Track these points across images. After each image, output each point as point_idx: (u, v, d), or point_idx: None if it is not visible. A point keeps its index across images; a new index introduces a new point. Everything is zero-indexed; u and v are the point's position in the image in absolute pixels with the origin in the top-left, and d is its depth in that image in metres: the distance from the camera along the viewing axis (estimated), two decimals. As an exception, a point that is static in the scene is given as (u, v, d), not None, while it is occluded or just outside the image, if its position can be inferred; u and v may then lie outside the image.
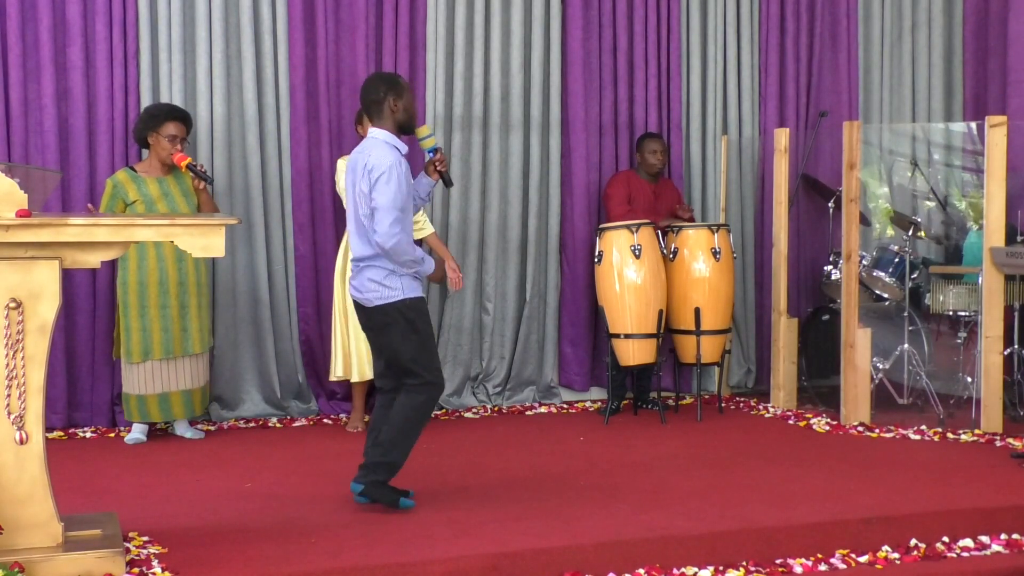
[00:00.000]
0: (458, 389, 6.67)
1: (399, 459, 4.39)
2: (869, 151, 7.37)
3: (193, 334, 5.64)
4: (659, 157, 6.55)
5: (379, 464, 4.37)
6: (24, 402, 3.51)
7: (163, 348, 5.56)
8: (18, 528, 3.51)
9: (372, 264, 4.35)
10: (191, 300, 5.63)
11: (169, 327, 5.56)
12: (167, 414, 5.63)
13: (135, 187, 5.57)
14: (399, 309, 4.35)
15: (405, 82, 4.51)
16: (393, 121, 4.43)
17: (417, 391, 4.38)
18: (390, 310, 4.35)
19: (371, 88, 4.45)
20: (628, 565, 3.89)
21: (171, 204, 5.58)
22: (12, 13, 5.80)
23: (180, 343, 5.60)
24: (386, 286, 4.34)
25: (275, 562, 3.70)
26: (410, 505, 4.37)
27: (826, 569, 3.98)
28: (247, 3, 6.16)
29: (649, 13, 6.89)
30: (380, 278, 4.35)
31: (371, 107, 4.44)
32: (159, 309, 5.55)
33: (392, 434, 4.36)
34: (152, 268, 5.55)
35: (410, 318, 4.36)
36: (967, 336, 6.18)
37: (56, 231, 3.47)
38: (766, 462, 5.20)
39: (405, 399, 4.39)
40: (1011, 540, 4.23)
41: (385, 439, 4.37)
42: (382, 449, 4.37)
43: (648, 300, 6.13)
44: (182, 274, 5.60)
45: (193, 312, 5.63)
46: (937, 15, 7.48)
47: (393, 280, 4.34)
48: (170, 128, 5.56)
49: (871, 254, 6.48)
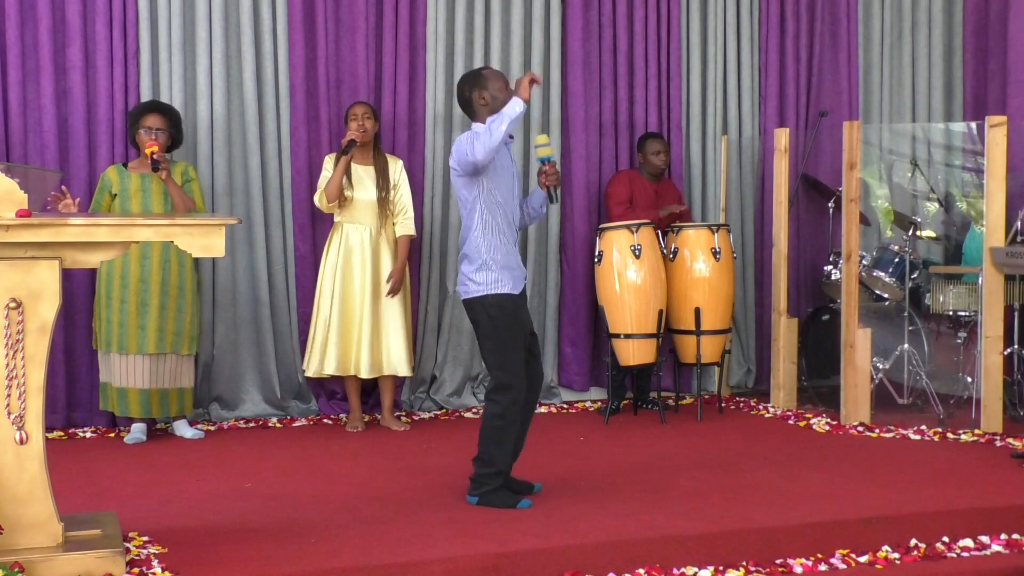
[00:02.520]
0: (458, 389, 6.67)
1: (502, 466, 4.42)
2: (869, 151, 7.37)
3: (150, 334, 5.58)
4: (661, 157, 6.55)
5: (485, 476, 4.41)
6: (24, 402, 3.51)
7: (118, 342, 5.57)
8: (18, 528, 3.51)
9: (465, 257, 4.43)
10: (152, 300, 5.58)
11: (125, 322, 5.56)
12: (124, 409, 5.63)
13: (118, 179, 5.62)
14: (483, 304, 4.38)
15: (490, 71, 4.54)
16: (486, 113, 4.44)
17: (494, 399, 4.40)
18: (475, 305, 4.40)
19: (459, 91, 4.54)
20: (628, 565, 3.88)
21: (144, 199, 5.61)
22: (11, 13, 5.80)
23: (135, 340, 5.57)
24: (473, 280, 4.39)
25: (275, 562, 3.70)
26: (527, 505, 4.39)
27: (826, 569, 3.98)
28: (247, 3, 6.16)
29: (649, 13, 6.89)
30: (469, 272, 4.41)
31: (466, 109, 4.52)
32: (119, 303, 5.58)
33: (486, 446, 4.41)
34: (118, 262, 5.56)
35: (492, 315, 4.37)
36: (967, 336, 6.18)
37: (56, 231, 3.47)
38: (766, 462, 5.20)
39: (487, 408, 4.43)
40: (1011, 540, 4.22)
41: (481, 453, 4.42)
42: (482, 463, 4.42)
43: (648, 300, 6.13)
44: (165, 274, 5.61)
45: (153, 312, 5.58)
46: (937, 15, 7.48)
47: (480, 275, 4.38)
48: (148, 120, 5.60)
49: (871, 254, 6.48)
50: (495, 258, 4.38)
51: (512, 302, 4.41)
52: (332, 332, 5.87)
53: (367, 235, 5.89)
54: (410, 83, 6.48)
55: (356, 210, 5.89)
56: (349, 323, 5.87)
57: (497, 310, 4.37)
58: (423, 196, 6.49)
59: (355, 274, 5.87)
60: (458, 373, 6.67)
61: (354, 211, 5.89)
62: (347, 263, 5.88)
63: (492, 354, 4.41)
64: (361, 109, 5.91)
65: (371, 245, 5.89)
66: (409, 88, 6.48)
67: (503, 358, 4.38)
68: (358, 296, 5.86)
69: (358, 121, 5.86)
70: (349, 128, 5.88)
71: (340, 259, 5.88)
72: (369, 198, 5.89)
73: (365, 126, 5.86)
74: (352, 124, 5.86)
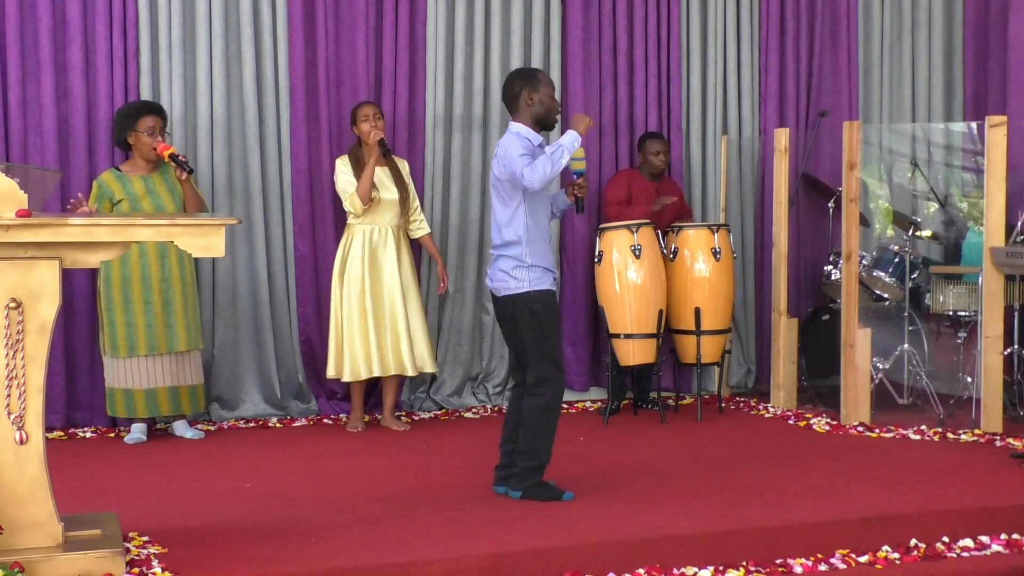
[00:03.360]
0: (458, 389, 6.67)
1: (545, 459, 4.52)
2: (869, 151, 7.37)
3: (179, 331, 5.61)
4: (661, 158, 6.55)
5: (529, 469, 4.48)
6: (24, 402, 3.51)
7: (148, 344, 5.55)
8: (18, 528, 3.51)
9: (503, 254, 4.48)
10: (175, 297, 5.60)
11: (153, 323, 5.55)
12: (154, 410, 5.61)
13: (120, 186, 5.57)
14: (524, 301, 4.45)
15: (545, 76, 4.58)
16: (530, 115, 4.52)
17: (539, 392, 4.49)
18: (516, 301, 4.47)
19: (508, 83, 4.57)
20: (628, 565, 3.88)
21: (156, 200, 5.58)
22: (11, 13, 5.79)
23: (164, 339, 5.58)
24: (514, 277, 4.46)
25: (275, 562, 3.70)
26: (571, 497, 4.47)
27: (826, 569, 3.98)
28: (247, 3, 6.16)
29: (649, 13, 6.89)
30: (508, 268, 4.47)
31: (509, 102, 4.55)
32: (143, 304, 5.54)
33: (530, 439, 4.49)
34: (135, 264, 5.54)
35: (535, 310, 4.45)
36: (967, 336, 6.18)
37: (56, 231, 3.47)
38: (766, 462, 5.20)
39: (530, 402, 4.51)
40: (1011, 540, 4.22)
41: (526, 446, 4.49)
42: (526, 456, 4.49)
43: (648, 300, 6.13)
44: (165, 270, 5.60)
45: (178, 309, 5.61)
46: (937, 15, 7.47)
47: (520, 272, 4.45)
48: (147, 121, 5.57)
49: (871, 254, 6.47)
50: (535, 259, 4.47)
51: (552, 296, 4.54)
52: (370, 334, 5.83)
53: (389, 235, 5.90)
54: (410, 83, 6.48)
55: (380, 211, 5.90)
56: (382, 323, 5.87)
57: (539, 305, 4.47)
58: (423, 196, 6.49)
59: (384, 274, 5.88)
60: (458, 373, 6.67)
61: (377, 212, 5.89)
62: (374, 263, 5.87)
63: (535, 348, 4.48)
64: (372, 109, 5.91)
65: (395, 244, 5.91)
66: (409, 88, 6.48)
67: (545, 352, 4.47)
68: (387, 295, 5.88)
69: (370, 121, 5.85)
70: (361, 129, 5.86)
71: (367, 259, 5.85)
72: (392, 198, 5.91)
73: (378, 125, 5.86)
74: (364, 125, 5.84)
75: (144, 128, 5.56)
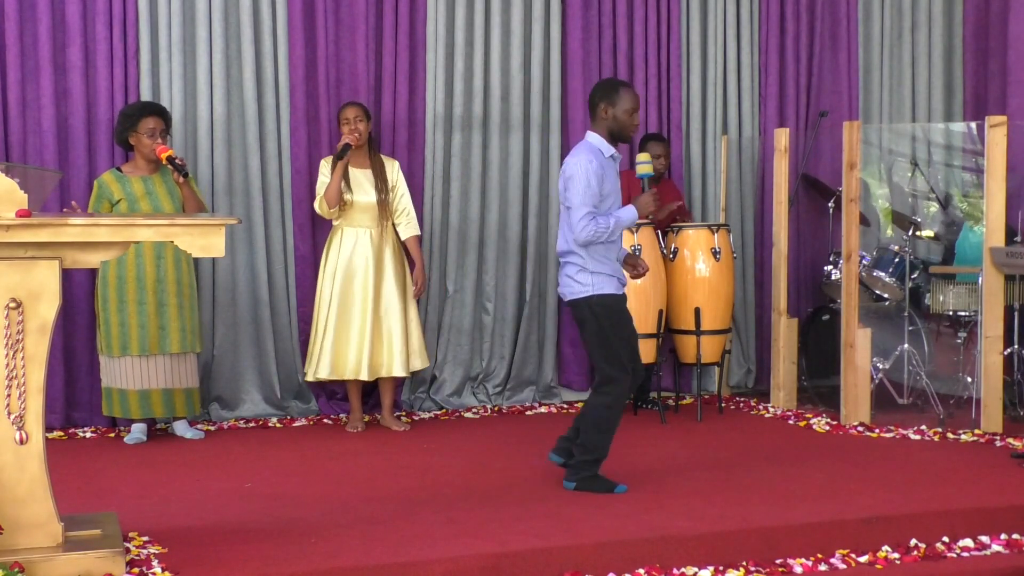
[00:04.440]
0: (458, 389, 6.67)
1: (603, 454, 4.67)
2: (869, 151, 7.37)
3: (172, 333, 5.59)
4: (661, 161, 6.49)
5: (585, 462, 4.64)
6: (24, 402, 3.51)
7: (140, 345, 5.54)
8: (18, 528, 3.51)
9: (568, 260, 4.62)
10: (170, 299, 5.58)
11: (146, 323, 5.54)
12: (147, 411, 5.60)
13: (119, 186, 5.57)
14: (588, 304, 4.58)
15: (628, 92, 4.65)
16: (605, 127, 4.64)
17: (602, 391, 4.63)
18: (581, 305, 4.60)
19: (592, 92, 4.71)
20: (628, 565, 3.88)
21: (154, 202, 5.58)
22: (11, 13, 5.79)
23: (157, 341, 5.57)
24: (578, 281, 4.59)
25: (275, 562, 3.70)
26: (624, 489, 4.61)
27: (826, 569, 3.98)
28: (247, 3, 6.16)
29: (649, 13, 6.89)
30: (573, 273, 4.60)
31: (591, 110, 4.68)
32: (137, 305, 5.53)
33: (590, 434, 4.63)
34: (131, 264, 5.53)
35: (597, 313, 4.57)
36: (967, 336, 6.18)
37: (56, 231, 3.47)
38: (766, 462, 5.20)
39: (594, 399, 4.67)
40: (1011, 540, 4.22)
41: (585, 440, 4.64)
42: (584, 449, 4.65)
43: (648, 300, 6.13)
44: (160, 271, 5.58)
45: (172, 311, 5.59)
46: (937, 15, 7.47)
47: (584, 276, 4.58)
48: (148, 123, 5.56)
49: (871, 254, 6.47)
50: (599, 268, 4.58)
51: (616, 300, 4.63)
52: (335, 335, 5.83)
53: (368, 237, 5.88)
54: (410, 83, 6.48)
55: (356, 213, 5.87)
56: (348, 326, 5.85)
57: (601, 308, 4.57)
58: (423, 196, 6.49)
59: (357, 276, 5.86)
60: (458, 373, 6.67)
61: (354, 214, 5.88)
62: (350, 266, 5.86)
63: (598, 349, 4.61)
64: (353, 112, 5.86)
65: (373, 247, 5.88)
66: (409, 88, 6.47)
67: (608, 353, 4.59)
68: (359, 299, 5.85)
69: (350, 125, 5.81)
70: (342, 132, 5.85)
71: (341, 262, 5.86)
72: (368, 200, 5.87)
73: (358, 129, 5.82)
74: (344, 128, 5.83)
75: (145, 129, 5.56)
